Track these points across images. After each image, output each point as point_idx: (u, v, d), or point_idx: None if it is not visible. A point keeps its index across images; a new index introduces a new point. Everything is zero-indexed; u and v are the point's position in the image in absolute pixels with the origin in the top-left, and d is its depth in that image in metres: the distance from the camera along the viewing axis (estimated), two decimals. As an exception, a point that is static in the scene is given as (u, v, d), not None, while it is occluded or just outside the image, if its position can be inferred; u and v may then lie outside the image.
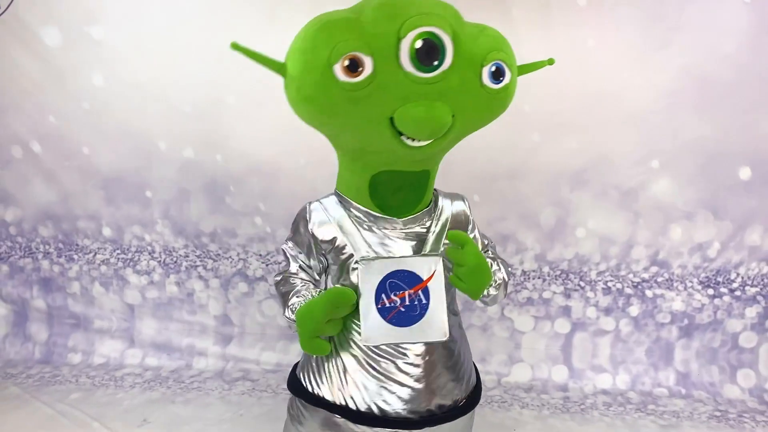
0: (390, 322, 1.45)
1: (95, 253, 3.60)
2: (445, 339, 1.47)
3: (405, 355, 1.52)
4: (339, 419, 1.58)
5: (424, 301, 1.45)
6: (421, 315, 1.45)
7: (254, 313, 3.59)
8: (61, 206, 3.52)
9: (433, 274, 1.46)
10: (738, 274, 3.29)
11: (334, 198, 1.66)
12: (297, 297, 1.60)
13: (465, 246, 1.45)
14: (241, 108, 3.24)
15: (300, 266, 1.71)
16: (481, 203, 3.24)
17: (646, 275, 3.34)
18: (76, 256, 3.61)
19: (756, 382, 3.29)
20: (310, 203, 1.66)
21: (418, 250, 1.56)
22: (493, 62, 1.36)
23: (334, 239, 1.59)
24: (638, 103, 3.09)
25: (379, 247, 1.54)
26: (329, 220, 1.60)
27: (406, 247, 1.55)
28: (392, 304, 1.45)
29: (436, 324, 1.46)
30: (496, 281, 1.61)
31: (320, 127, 1.51)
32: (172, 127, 3.31)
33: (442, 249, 1.57)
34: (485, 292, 1.57)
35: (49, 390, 3.17)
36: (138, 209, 3.49)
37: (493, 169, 3.17)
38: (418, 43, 1.23)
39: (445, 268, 1.50)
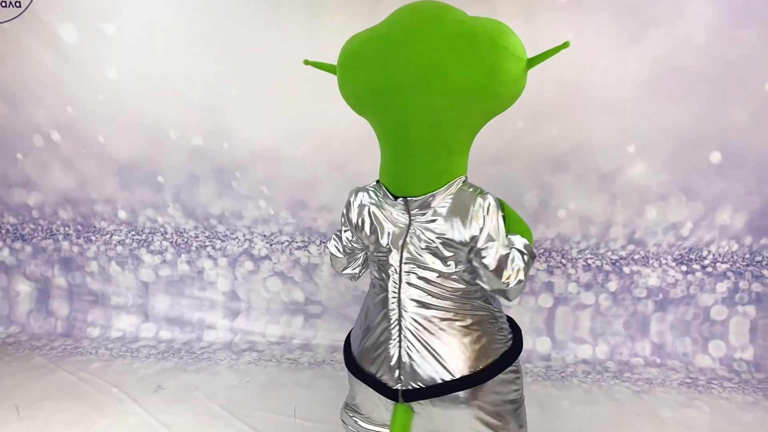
0: None
1: (112, 235, 3.83)
2: None
3: None
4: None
5: None
6: None
7: (260, 289, 3.81)
8: (80, 191, 3.75)
9: None
10: (709, 252, 3.48)
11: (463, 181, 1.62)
12: None
13: None
14: (244, 99, 3.45)
15: None
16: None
17: (623, 253, 3.54)
18: (93, 238, 3.84)
19: (726, 352, 3.50)
20: (487, 195, 1.56)
21: None
22: None
23: None
24: (615, 92, 3.27)
25: None
26: None
27: None
28: None
29: None
30: None
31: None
32: (182, 117, 3.52)
33: None
34: None
35: (72, 360, 3.42)
36: (151, 193, 3.71)
37: (480, 155, 3.31)
38: None
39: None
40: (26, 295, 3.95)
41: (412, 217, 1.57)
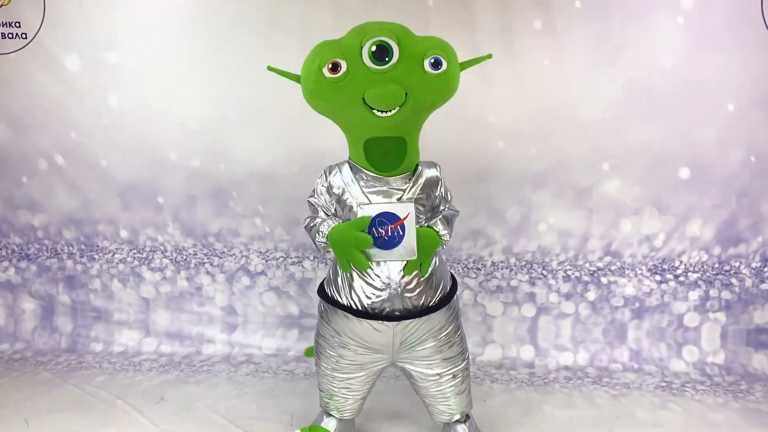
0: (379, 246, 2.10)
1: (114, 253, 3.96)
2: (414, 258, 2.10)
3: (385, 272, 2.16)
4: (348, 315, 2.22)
5: (401, 233, 2.09)
6: (399, 242, 2.09)
7: (256, 303, 3.95)
8: (83, 212, 3.88)
9: (407, 215, 2.08)
10: (681, 262, 3.67)
11: (347, 164, 2.24)
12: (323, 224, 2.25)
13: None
14: (241, 122, 3.60)
15: (322, 211, 2.32)
16: (454, 202, 3.61)
17: (600, 264, 3.72)
18: (96, 256, 3.97)
19: (699, 356, 3.68)
20: (329, 167, 2.26)
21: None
22: (432, 56, 1.98)
23: (341, 191, 2.20)
24: (590, 112, 3.46)
25: (372, 197, 2.14)
26: (341, 179, 2.21)
27: (391, 198, 2.15)
28: (379, 235, 2.09)
29: (408, 248, 2.10)
30: (444, 240, 2.26)
31: (324, 112, 2.16)
32: (180, 140, 3.67)
33: (414, 197, 2.18)
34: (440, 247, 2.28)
35: (76, 374, 3.52)
36: (151, 213, 3.85)
37: (465, 173, 3.52)
38: (374, 48, 1.93)
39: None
40: (31, 312, 4.07)
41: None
